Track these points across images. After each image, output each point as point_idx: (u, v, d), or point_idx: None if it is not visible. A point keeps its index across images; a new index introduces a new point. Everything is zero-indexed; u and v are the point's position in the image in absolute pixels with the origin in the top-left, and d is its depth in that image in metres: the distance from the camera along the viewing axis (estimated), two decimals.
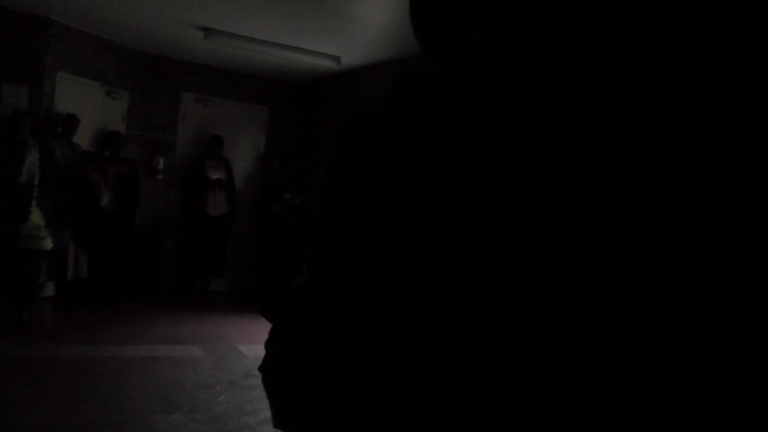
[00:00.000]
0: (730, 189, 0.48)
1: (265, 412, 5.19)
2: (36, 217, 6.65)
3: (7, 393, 5.07)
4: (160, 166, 9.30)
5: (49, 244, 6.73)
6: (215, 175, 9.16)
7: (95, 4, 6.99)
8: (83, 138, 8.13)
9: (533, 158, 0.53)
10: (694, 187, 0.49)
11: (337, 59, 7.94)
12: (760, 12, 0.50)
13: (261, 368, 2.03)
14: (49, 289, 7.84)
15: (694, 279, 0.49)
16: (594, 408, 0.51)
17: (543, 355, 0.53)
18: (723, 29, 0.51)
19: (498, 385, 0.55)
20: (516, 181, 0.53)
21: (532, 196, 0.53)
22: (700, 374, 0.49)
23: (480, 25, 0.65)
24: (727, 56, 0.50)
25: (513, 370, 0.54)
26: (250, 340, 7.38)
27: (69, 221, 7.60)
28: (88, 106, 8.40)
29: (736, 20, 0.51)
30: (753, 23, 0.51)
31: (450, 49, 0.68)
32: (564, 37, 0.55)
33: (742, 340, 0.48)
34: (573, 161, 0.51)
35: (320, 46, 7.52)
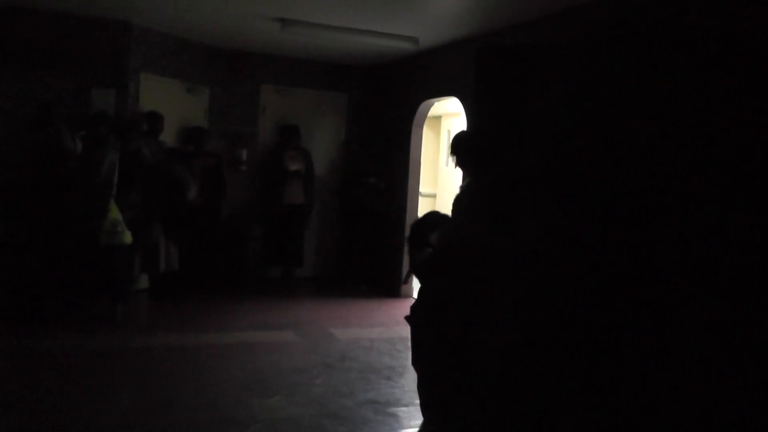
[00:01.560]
0: (730, 190, 0.47)
1: (362, 393, 5.24)
2: (114, 212, 6.83)
3: (109, 383, 5.25)
4: (243, 157, 9.45)
5: (128, 237, 6.90)
6: (294, 167, 9.22)
7: (173, 5, 7.13)
8: (168, 134, 8.33)
9: None
10: (692, 188, 0.47)
11: (416, 40, 7.88)
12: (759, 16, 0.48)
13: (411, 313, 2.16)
14: (143, 282, 8.09)
15: (694, 280, 0.48)
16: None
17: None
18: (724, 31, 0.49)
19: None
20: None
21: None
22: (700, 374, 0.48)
23: None
24: (727, 57, 0.48)
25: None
26: (341, 324, 7.45)
27: (159, 216, 7.81)
28: (171, 103, 8.60)
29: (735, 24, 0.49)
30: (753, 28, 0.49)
31: None
32: None
33: (742, 341, 0.47)
34: (579, 165, 0.51)
35: (397, 28, 7.48)
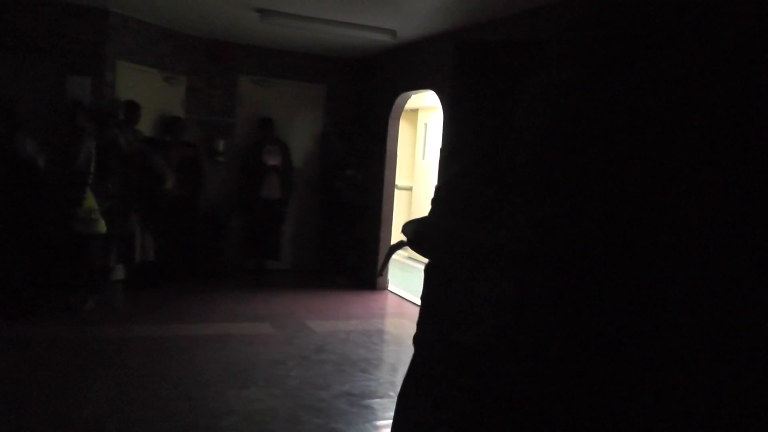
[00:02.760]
0: (730, 190, 0.48)
1: (338, 386, 5.27)
2: (89, 200, 6.81)
3: (84, 373, 5.24)
4: (221, 148, 9.42)
5: (102, 226, 6.89)
6: (272, 161, 9.19)
7: None
8: (144, 124, 8.28)
9: None
10: (692, 188, 0.49)
11: (393, 33, 7.90)
12: (759, 16, 0.50)
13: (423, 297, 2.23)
14: (119, 272, 8.05)
15: (693, 279, 0.50)
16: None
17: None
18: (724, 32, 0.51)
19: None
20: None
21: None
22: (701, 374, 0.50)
23: None
24: (727, 58, 0.50)
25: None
26: (318, 316, 7.48)
27: (135, 206, 7.77)
28: (148, 92, 8.55)
29: (735, 24, 0.51)
30: (752, 27, 0.50)
31: None
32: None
33: (741, 340, 0.49)
34: (574, 162, 0.53)
35: (376, 20, 7.49)
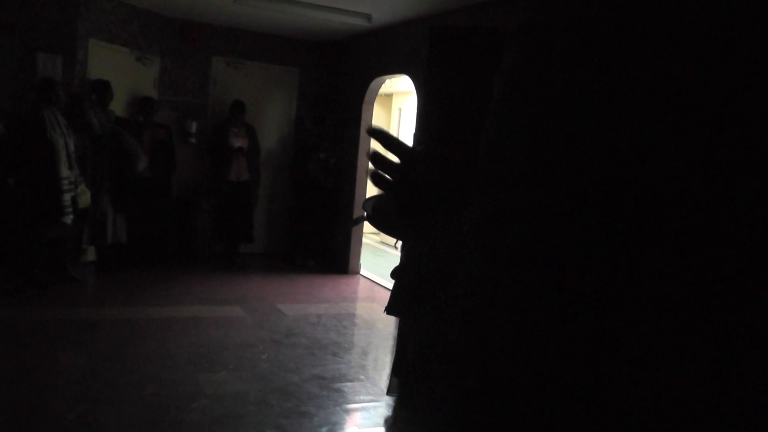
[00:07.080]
0: (729, 189, 0.49)
1: (309, 369, 5.29)
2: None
3: (55, 356, 5.21)
4: (193, 130, 9.34)
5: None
6: (237, 143, 9.12)
7: None
8: (116, 104, 8.19)
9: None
10: (692, 187, 0.50)
11: (368, 17, 7.88)
12: (759, 13, 0.50)
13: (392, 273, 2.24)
14: (90, 254, 7.98)
15: (694, 279, 0.51)
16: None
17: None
18: (723, 29, 0.51)
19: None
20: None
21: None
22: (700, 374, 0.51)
23: None
24: (726, 56, 0.50)
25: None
26: (289, 300, 7.48)
27: (107, 187, 7.70)
28: (120, 72, 8.45)
29: (735, 20, 0.51)
30: (752, 24, 0.51)
31: None
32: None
33: (741, 340, 0.50)
34: (567, 158, 0.53)
35: (351, 4, 7.47)
